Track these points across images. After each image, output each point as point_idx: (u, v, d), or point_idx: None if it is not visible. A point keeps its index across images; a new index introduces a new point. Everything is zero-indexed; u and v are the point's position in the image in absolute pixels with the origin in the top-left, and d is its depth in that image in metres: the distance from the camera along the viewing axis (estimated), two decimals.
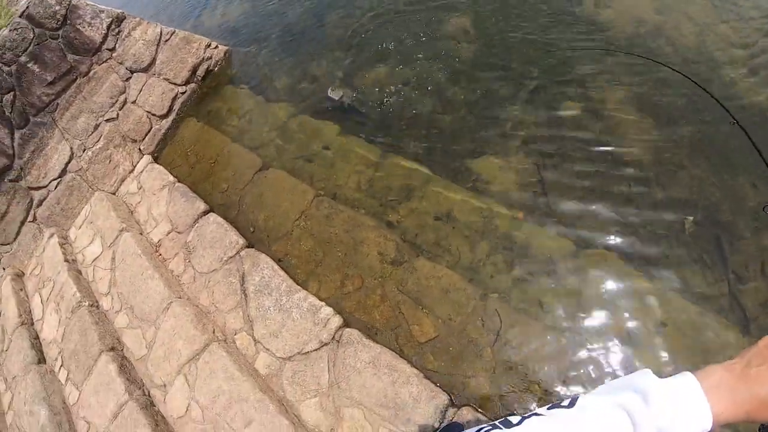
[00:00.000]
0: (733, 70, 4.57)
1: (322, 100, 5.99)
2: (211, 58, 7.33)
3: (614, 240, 3.83)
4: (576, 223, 3.99)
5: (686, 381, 0.95)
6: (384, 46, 6.24)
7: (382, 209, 4.68)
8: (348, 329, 3.98)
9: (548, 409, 0.97)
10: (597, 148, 4.35)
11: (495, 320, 3.68)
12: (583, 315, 3.54)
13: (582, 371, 3.33)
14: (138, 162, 6.77)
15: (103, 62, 7.14)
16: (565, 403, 0.97)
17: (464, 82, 5.37)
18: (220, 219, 5.24)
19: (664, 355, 3.26)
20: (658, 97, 4.54)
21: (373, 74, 5.96)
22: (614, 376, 3.25)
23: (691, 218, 3.78)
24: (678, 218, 3.81)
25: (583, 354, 3.39)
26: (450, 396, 3.43)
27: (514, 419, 0.94)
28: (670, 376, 0.97)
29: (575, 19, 5.52)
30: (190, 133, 6.84)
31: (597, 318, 3.51)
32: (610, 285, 3.63)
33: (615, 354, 3.34)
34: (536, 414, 0.95)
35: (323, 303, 4.19)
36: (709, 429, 0.88)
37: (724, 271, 3.49)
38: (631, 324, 3.42)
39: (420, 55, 5.84)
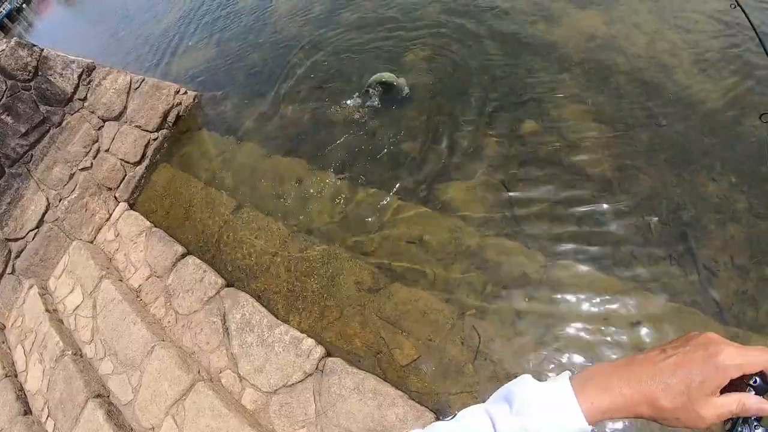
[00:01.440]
0: (683, 72, 4.85)
1: (293, 138, 6.17)
2: (180, 103, 7.49)
3: (583, 248, 3.98)
4: (545, 236, 4.15)
5: (557, 380, 0.90)
6: (347, 80, 6.48)
7: (356, 239, 4.82)
8: (331, 358, 4.07)
9: (433, 423, 0.96)
10: (559, 162, 4.55)
11: (473, 337, 3.79)
12: (559, 323, 3.66)
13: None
14: (114, 209, 6.85)
15: (75, 112, 7.22)
16: (449, 417, 0.97)
17: (426, 110, 5.60)
18: (198, 261, 5.35)
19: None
20: (613, 107, 4.78)
21: (338, 110, 6.18)
22: None
23: (656, 218, 3.94)
24: (643, 220, 3.96)
25: (563, 360, 3.50)
26: (436, 414, 3.51)
27: None
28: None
29: (529, 41, 5.79)
30: (164, 179, 6.95)
31: (574, 324, 3.62)
32: (584, 292, 3.75)
33: (595, 358, 3.45)
34: (425, 429, 0.95)
35: (305, 335, 4.28)
36: (589, 425, 0.83)
37: (693, 265, 3.64)
38: (608, 327, 3.53)
39: (381, 89, 6.02)
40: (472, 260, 4.23)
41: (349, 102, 6.18)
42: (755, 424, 0.82)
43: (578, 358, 3.48)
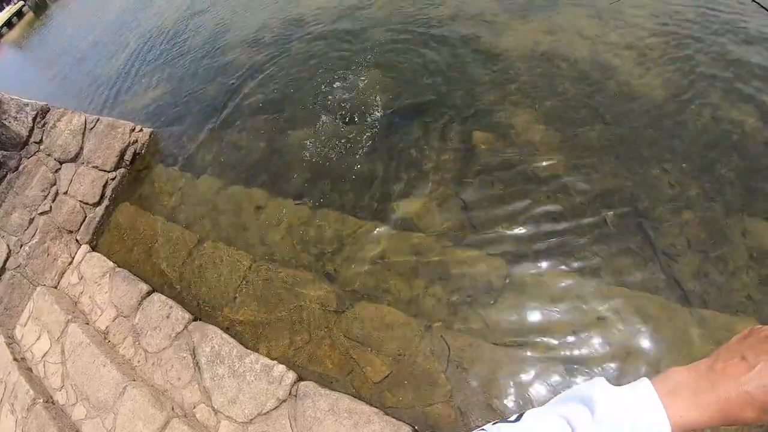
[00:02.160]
0: (625, 71, 5.06)
1: (250, 167, 6.21)
2: (137, 141, 7.45)
3: (543, 248, 4.09)
4: (504, 241, 4.25)
5: (640, 387, 0.89)
6: (300, 106, 6.59)
7: (319, 263, 4.87)
8: (303, 382, 4.08)
9: (494, 424, 0.94)
10: (513, 168, 4.68)
11: (443, 347, 3.85)
12: (527, 325, 3.74)
13: (537, 378, 3.50)
14: (76, 252, 6.77)
15: (31, 155, 7.17)
16: (513, 417, 0.94)
17: (378, 129, 5.72)
18: (163, 297, 5.34)
19: (616, 344, 3.44)
20: (561, 111, 4.96)
21: (293, 136, 6.27)
22: (569, 377, 3.44)
23: (611, 212, 4.07)
24: (599, 216, 4.10)
25: (534, 361, 3.57)
26: (413, 427, 3.55)
27: None
28: (634, 370, 0.92)
29: (476, 55, 5.97)
30: (124, 218, 6.90)
31: (541, 325, 3.71)
32: (547, 291, 3.85)
33: (566, 356, 3.52)
34: (483, 430, 0.93)
35: (275, 362, 4.31)
36: None
37: (652, 253, 3.78)
38: (576, 322, 3.62)
39: (334, 112, 6.20)
40: (435, 272, 4.31)
41: (303, 127, 6.25)
42: None
43: (550, 358, 3.55)
